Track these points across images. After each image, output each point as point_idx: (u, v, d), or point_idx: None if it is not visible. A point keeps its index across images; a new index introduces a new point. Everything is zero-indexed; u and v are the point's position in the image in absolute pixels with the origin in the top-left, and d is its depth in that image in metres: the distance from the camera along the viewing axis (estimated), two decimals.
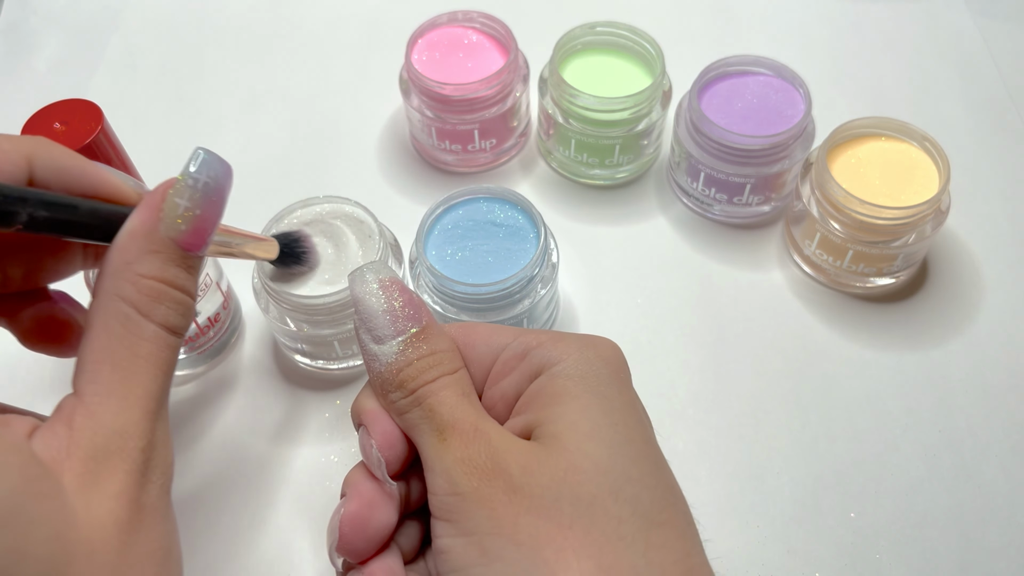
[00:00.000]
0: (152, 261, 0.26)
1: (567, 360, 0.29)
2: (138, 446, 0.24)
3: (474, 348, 0.31)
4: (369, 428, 0.29)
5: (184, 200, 0.26)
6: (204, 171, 0.27)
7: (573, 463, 0.26)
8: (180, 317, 0.26)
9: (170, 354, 0.26)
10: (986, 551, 0.42)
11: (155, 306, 0.26)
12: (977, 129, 0.58)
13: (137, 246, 0.26)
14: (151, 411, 0.25)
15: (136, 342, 0.25)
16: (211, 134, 0.58)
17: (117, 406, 0.24)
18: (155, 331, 0.25)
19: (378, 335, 0.29)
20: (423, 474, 0.30)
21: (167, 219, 0.26)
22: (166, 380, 0.26)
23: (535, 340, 0.30)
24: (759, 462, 0.44)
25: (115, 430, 0.24)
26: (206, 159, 0.27)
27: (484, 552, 0.25)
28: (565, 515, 0.25)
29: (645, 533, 0.25)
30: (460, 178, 0.56)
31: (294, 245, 0.40)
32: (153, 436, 0.25)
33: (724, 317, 0.49)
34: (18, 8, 0.67)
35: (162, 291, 0.26)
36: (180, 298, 0.26)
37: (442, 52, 0.53)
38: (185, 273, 0.27)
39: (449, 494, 0.26)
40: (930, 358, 0.48)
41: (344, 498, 0.29)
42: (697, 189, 0.52)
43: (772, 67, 0.51)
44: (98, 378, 0.25)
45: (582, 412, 0.28)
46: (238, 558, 0.42)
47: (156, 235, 0.26)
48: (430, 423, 0.28)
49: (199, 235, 0.27)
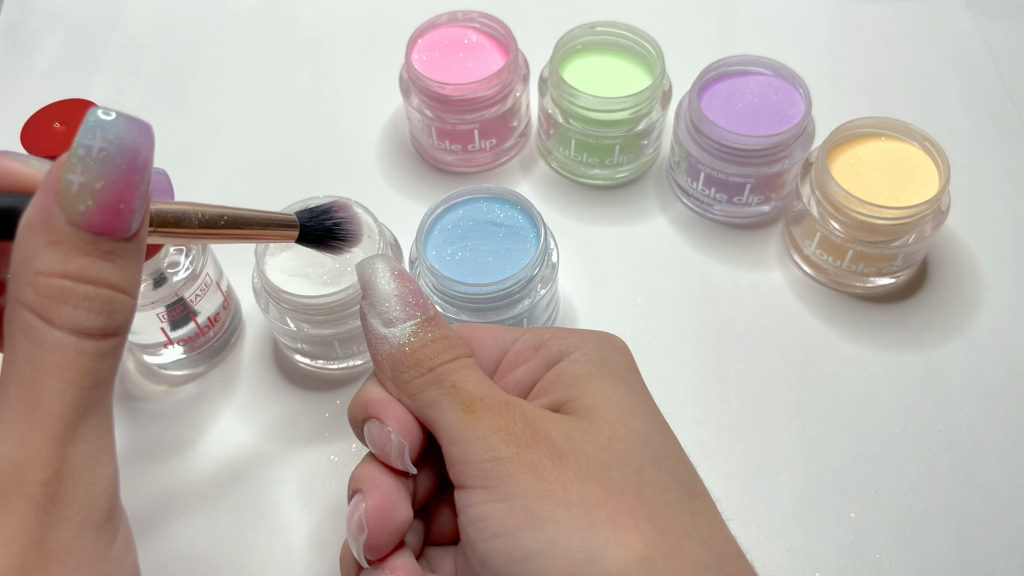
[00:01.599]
0: (51, 254, 0.21)
1: (585, 347, 0.30)
2: (38, 479, 0.21)
3: (481, 342, 0.31)
4: (382, 416, 0.29)
5: (77, 175, 0.21)
6: (99, 134, 0.22)
7: (616, 432, 0.27)
8: (96, 316, 0.22)
9: (87, 363, 0.22)
10: (986, 551, 0.42)
11: (58, 307, 0.21)
12: (977, 129, 0.58)
13: (34, 240, 0.22)
14: (56, 435, 0.21)
15: (39, 354, 0.21)
16: (211, 134, 0.58)
17: (17, 434, 0.21)
18: (59, 337, 0.21)
19: (389, 318, 0.30)
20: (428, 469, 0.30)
21: (64, 201, 0.21)
22: (83, 395, 0.22)
23: (548, 333, 0.31)
24: (759, 462, 0.44)
25: (12, 462, 0.21)
26: (100, 121, 0.22)
27: (532, 515, 0.25)
28: (614, 480, 0.26)
29: (688, 502, 0.26)
30: (460, 178, 0.56)
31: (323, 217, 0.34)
32: (64, 464, 0.21)
33: (724, 317, 0.49)
34: (18, 8, 0.67)
35: (65, 288, 0.21)
36: (94, 293, 0.22)
37: (442, 52, 0.53)
38: (101, 262, 0.22)
39: (487, 460, 0.26)
40: (930, 358, 0.48)
41: (359, 494, 0.29)
42: (697, 189, 0.52)
43: (772, 67, 0.51)
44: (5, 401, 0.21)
45: (613, 390, 0.28)
46: (238, 558, 0.42)
47: (55, 222, 0.21)
48: (454, 398, 0.28)
49: (112, 214, 0.22)
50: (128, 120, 0.22)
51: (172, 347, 0.46)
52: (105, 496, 0.22)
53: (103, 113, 0.22)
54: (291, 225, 0.32)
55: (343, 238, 0.34)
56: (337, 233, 0.34)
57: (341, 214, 0.34)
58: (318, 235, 0.33)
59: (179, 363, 0.47)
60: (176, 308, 0.43)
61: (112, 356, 0.23)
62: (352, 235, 0.35)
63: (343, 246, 0.35)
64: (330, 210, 0.34)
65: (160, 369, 0.48)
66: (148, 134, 0.23)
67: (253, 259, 0.43)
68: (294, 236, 0.32)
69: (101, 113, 0.22)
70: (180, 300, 0.43)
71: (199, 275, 0.43)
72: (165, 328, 0.44)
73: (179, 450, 0.45)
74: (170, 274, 0.42)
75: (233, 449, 0.45)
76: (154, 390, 0.47)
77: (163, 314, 0.43)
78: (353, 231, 0.35)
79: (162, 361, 0.47)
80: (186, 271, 0.43)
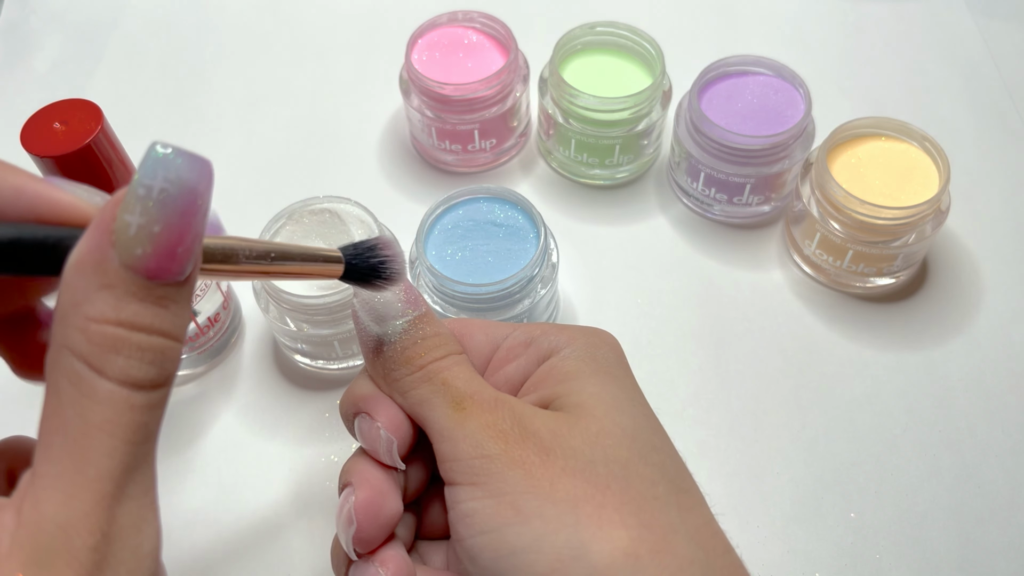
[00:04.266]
0: (104, 299, 0.20)
1: (575, 344, 0.30)
2: (87, 544, 0.20)
3: (472, 338, 0.31)
4: (372, 412, 0.29)
5: (136, 216, 0.20)
6: (160, 174, 0.20)
7: (603, 428, 0.27)
8: (149, 367, 0.21)
9: (138, 417, 0.21)
10: (986, 551, 0.42)
11: (110, 357, 0.20)
12: (977, 129, 0.58)
13: (85, 282, 0.20)
14: (107, 495, 0.20)
15: (88, 406, 0.20)
16: (211, 134, 0.58)
17: (64, 493, 0.20)
18: (111, 390, 0.20)
19: (380, 316, 0.30)
20: (419, 463, 0.30)
21: (120, 243, 0.20)
22: (132, 451, 0.21)
23: (538, 329, 0.31)
24: (759, 462, 0.44)
25: (60, 525, 0.20)
26: (161, 158, 0.20)
27: (519, 511, 0.25)
28: (601, 475, 0.26)
29: (675, 496, 0.26)
30: (460, 178, 0.56)
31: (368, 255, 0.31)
32: (112, 527, 0.20)
33: (724, 317, 0.49)
34: (18, 8, 0.67)
35: (118, 337, 0.20)
36: (148, 343, 0.21)
37: (442, 52, 0.53)
38: (155, 308, 0.21)
39: (476, 457, 0.27)
40: (930, 358, 0.48)
41: (349, 488, 0.29)
42: (697, 189, 0.52)
43: (772, 67, 0.51)
44: (50, 455, 0.20)
45: (602, 385, 0.29)
46: (238, 558, 0.42)
47: (108, 264, 0.20)
48: (444, 396, 0.28)
49: (167, 258, 0.20)
50: (189, 158, 0.21)
51: None
52: (150, 559, 0.21)
53: (162, 147, 0.20)
54: (336, 260, 0.30)
55: (387, 277, 0.32)
56: (382, 272, 0.32)
57: (387, 252, 0.32)
58: (362, 272, 0.31)
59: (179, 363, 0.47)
60: None
61: (160, 407, 0.22)
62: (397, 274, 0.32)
63: (386, 285, 0.32)
64: (375, 247, 0.32)
65: None
66: (208, 173, 0.21)
67: None
68: (339, 273, 0.30)
69: (160, 148, 0.20)
70: None
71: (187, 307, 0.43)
72: None
73: (179, 450, 0.45)
74: None
75: (233, 449, 0.45)
76: None
77: None
78: (398, 270, 0.32)
79: None
80: None
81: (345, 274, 0.30)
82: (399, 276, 0.31)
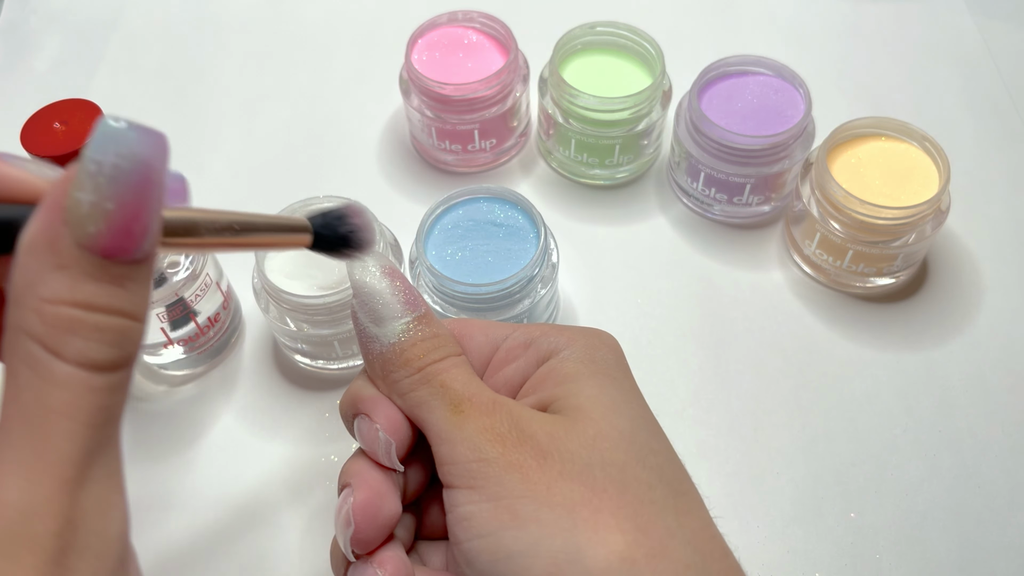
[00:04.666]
0: (58, 280, 0.19)
1: (574, 346, 0.30)
2: (49, 530, 0.19)
3: (472, 339, 0.31)
4: (371, 414, 0.29)
5: (87, 194, 0.19)
6: (111, 148, 0.19)
7: (600, 431, 0.27)
8: (108, 348, 0.20)
9: (98, 399, 0.20)
10: (986, 551, 0.42)
11: (66, 339, 0.19)
12: (977, 129, 0.58)
13: (38, 262, 0.19)
14: (68, 479, 0.20)
15: (46, 390, 0.19)
16: (211, 134, 0.58)
17: (24, 479, 0.19)
18: (70, 373, 0.20)
19: (379, 317, 0.30)
20: (418, 464, 0.30)
21: (72, 221, 0.19)
22: (94, 434, 0.20)
23: (538, 330, 0.31)
24: (759, 462, 0.44)
25: (21, 511, 0.19)
26: (112, 132, 0.19)
27: (516, 515, 0.25)
28: (597, 479, 0.26)
29: (673, 500, 0.26)
30: (460, 178, 0.56)
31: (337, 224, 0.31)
32: (74, 511, 0.20)
33: (724, 317, 0.49)
34: (18, 8, 0.67)
35: (74, 318, 0.19)
36: (106, 323, 0.20)
37: (442, 52, 0.53)
38: (112, 288, 0.20)
39: (474, 460, 0.26)
40: (930, 358, 0.48)
41: (348, 488, 0.29)
42: (697, 189, 0.52)
43: (772, 67, 0.51)
44: (10, 440, 0.20)
45: (600, 388, 0.28)
46: (238, 558, 0.42)
47: (61, 244, 0.19)
48: (442, 398, 0.28)
49: (123, 236, 0.20)
50: (141, 131, 0.20)
51: (172, 347, 0.46)
52: (118, 542, 0.21)
53: (113, 122, 0.20)
54: (303, 230, 0.29)
55: (356, 246, 0.31)
56: (351, 241, 0.31)
57: (356, 220, 0.31)
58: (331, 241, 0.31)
59: (179, 363, 0.47)
60: (176, 308, 0.43)
61: (122, 389, 0.21)
62: (367, 243, 0.32)
63: (356, 255, 0.32)
64: (344, 216, 0.31)
65: (160, 369, 0.48)
66: (163, 146, 0.20)
67: (253, 259, 0.43)
68: (307, 242, 0.29)
69: (112, 121, 0.20)
70: (180, 300, 0.43)
71: (199, 275, 0.43)
72: (165, 328, 0.44)
73: (179, 450, 0.45)
74: (170, 274, 0.42)
75: (233, 449, 0.45)
76: (154, 390, 0.47)
77: (163, 314, 0.43)
78: (368, 239, 0.32)
79: (162, 361, 0.47)
80: (186, 271, 0.43)
81: (314, 243, 0.29)
82: (368, 245, 0.31)
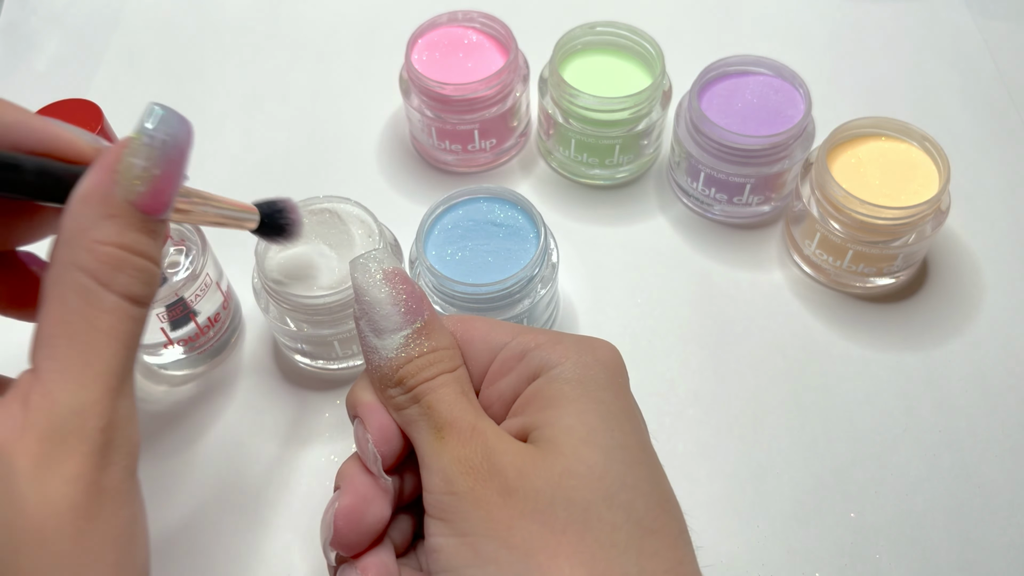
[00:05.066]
0: (109, 226, 0.24)
1: (565, 363, 0.29)
2: (97, 426, 0.23)
3: (472, 345, 0.31)
4: (365, 422, 0.29)
5: (141, 160, 0.24)
6: (162, 128, 0.25)
7: (568, 467, 0.26)
8: (143, 286, 0.25)
9: (133, 326, 0.24)
10: (986, 551, 0.42)
11: (115, 275, 0.24)
12: (977, 129, 0.58)
13: (92, 211, 0.24)
14: (112, 388, 0.24)
15: (95, 314, 0.24)
16: (211, 134, 0.58)
17: (75, 383, 0.23)
18: (116, 302, 0.24)
19: (379, 328, 0.29)
20: (417, 468, 0.30)
21: (123, 180, 0.24)
22: (129, 354, 0.24)
23: (533, 341, 0.30)
24: (759, 462, 0.44)
25: (73, 409, 0.23)
26: (164, 115, 0.25)
27: (477, 554, 0.25)
28: (559, 520, 0.25)
29: (638, 541, 0.25)
30: (460, 178, 0.56)
31: (277, 216, 0.37)
32: (115, 415, 0.24)
33: (724, 317, 0.49)
34: (18, 8, 0.67)
35: (122, 258, 0.24)
36: (142, 265, 0.25)
37: (442, 52, 0.53)
38: (147, 238, 0.25)
39: (445, 493, 0.26)
40: (930, 358, 0.48)
41: (337, 491, 0.29)
42: (697, 189, 0.52)
43: (772, 67, 0.51)
44: (55, 354, 0.23)
45: (579, 416, 0.27)
46: (238, 558, 0.42)
47: (112, 198, 0.24)
48: (428, 420, 0.28)
49: (159, 197, 0.25)
50: (181, 118, 0.25)
51: (172, 347, 0.46)
52: (138, 447, 0.25)
53: (160, 108, 0.25)
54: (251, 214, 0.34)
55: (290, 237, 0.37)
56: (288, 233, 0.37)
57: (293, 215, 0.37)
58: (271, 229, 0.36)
59: (179, 363, 0.47)
60: (176, 308, 0.43)
61: (144, 323, 0.25)
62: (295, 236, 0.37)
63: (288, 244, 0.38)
64: (284, 210, 0.36)
65: (160, 369, 0.48)
66: (192, 132, 0.26)
67: (253, 259, 0.43)
68: (253, 226, 0.35)
69: (159, 108, 0.25)
70: (180, 300, 0.43)
71: (199, 275, 0.43)
72: (165, 328, 0.44)
73: (179, 450, 0.45)
74: (170, 274, 0.42)
75: (233, 449, 0.45)
76: (154, 390, 0.47)
77: (163, 314, 0.43)
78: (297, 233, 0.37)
79: (162, 361, 0.47)
80: (186, 271, 0.43)
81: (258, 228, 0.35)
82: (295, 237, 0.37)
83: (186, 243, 0.43)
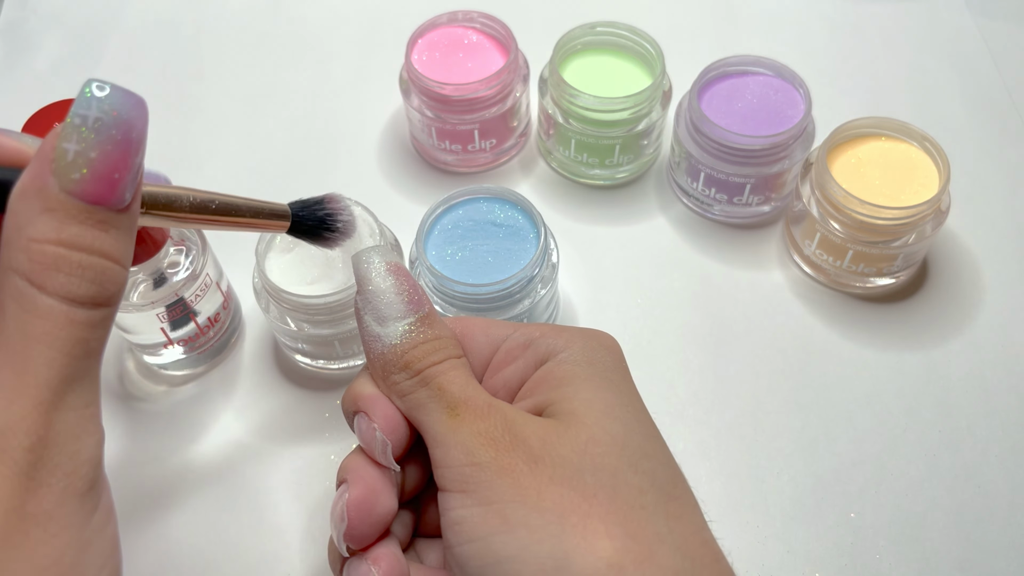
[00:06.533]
0: (45, 221, 0.21)
1: (572, 347, 0.30)
2: (22, 444, 0.21)
3: (473, 339, 0.31)
4: (370, 413, 0.29)
5: (72, 144, 0.22)
6: (94, 105, 0.22)
7: (593, 436, 0.27)
8: (89, 284, 0.22)
9: (77, 331, 0.22)
10: (986, 551, 0.42)
11: (50, 274, 0.21)
12: (977, 129, 0.58)
13: (28, 207, 0.22)
14: (43, 401, 0.21)
15: (28, 320, 0.21)
16: (211, 134, 0.58)
17: (4, 398, 0.21)
18: (51, 304, 0.21)
19: (382, 316, 0.30)
20: (417, 462, 0.30)
21: (59, 170, 0.22)
22: (72, 363, 0.22)
23: (537, 331, 0.31)
24: (759, 462, 0.44)
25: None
26: (97, 93, 0.22)
27: (505, 520, 0.25)
28: (588, 485, 0.26)
29: (664, 504, 0.26)
30: (460, 178, 0.56)
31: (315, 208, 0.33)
32: (47, 432, 0.21)
33: (724, 317, 0.49)
34: (18, 8, 0.67)
35: (59, 256, 0.22)
36: (88, 261, 0.22)
37: (442, 52, 0.53)
38: (95, 231, 0.22)
39: (467, 464, 0.27)
40: (930, 358, 0.48)
41: (344, 485, 0.29)
42: (697, 189, 0.52)
43: (772, 67, 0.51)
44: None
45: (595, 391, 0.28)
46: (238, 558, 0.42)
47: (47, 190, 0.22)
48: (439, 401, 0.28)
49: (105, 183, 0.22)
50: (123, 92, 0.23)
51: (172, 347, 0.46)
52: (89, 465, 0.22)
53: (98, 86, 0.22)
54: (283, 215, 0.32)
55: (335, 229, 0.34)
56: (329, 224, 0.34)
57: (333, 205, 0.34)
58: (309, 226, 0.33)
59: (179, 363, 0.47)
60: (176, 308, 0.43)
61: (102, 327, 0.23)
62: (345, 226, 0.34)
63: (336, 237, 0.34)
64: (322, 201, 0.34)
65: (160, 369, 0.48)
66: (142, 107, 0.23)
67: (253, 259, 0.43)
68: (286, 226, 0.32)
69: (96, 86, 0.22)
70: (180, 300, 0.43)
71: (199, 275, 0.43)
72: (165, 328, 0.44)
73: (179, 450, 0.45)
74: (170, 274, 0.42)
75: (233, 449, 0.45)
76: (154, 390, 0.47)
77: (163, 314, 0.43)
78: (346, 221, 0.34)
79: (162, 361, 0.47)
80: (186, 271, 0.43)
81: (293, 227, 0.32)
82: (348, 228, 0.33)
83: (186, 243, 0.43)
